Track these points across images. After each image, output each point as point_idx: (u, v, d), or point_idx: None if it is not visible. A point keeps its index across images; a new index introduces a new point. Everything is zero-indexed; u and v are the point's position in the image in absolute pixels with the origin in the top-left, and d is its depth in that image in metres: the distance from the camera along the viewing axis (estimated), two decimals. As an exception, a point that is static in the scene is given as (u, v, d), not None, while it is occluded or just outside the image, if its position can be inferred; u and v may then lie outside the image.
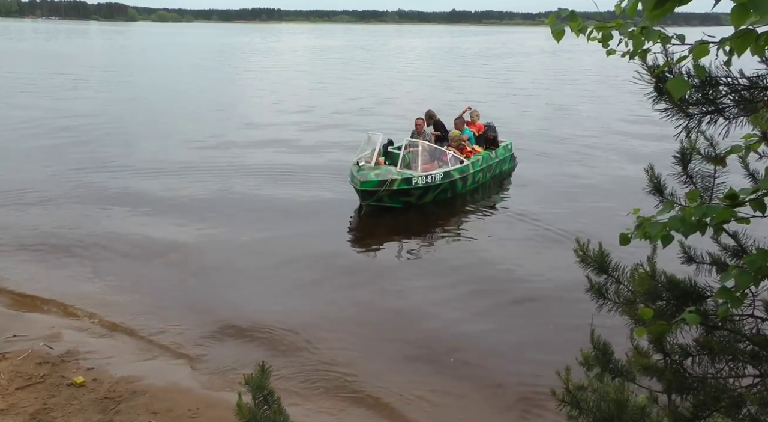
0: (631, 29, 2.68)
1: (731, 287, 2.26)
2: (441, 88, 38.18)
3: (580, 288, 3.24)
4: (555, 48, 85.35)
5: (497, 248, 11.95)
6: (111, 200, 14.31)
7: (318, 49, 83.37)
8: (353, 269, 10.96)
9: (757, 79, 2.19)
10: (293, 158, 18.90)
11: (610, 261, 3.02)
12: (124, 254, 11.30)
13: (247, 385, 2.71)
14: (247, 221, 13.14)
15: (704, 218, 2.36)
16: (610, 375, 3.15)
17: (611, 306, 2.98)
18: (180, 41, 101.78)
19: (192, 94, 33.37)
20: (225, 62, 58.19)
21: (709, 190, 2.72)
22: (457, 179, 14.20)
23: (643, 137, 22.02)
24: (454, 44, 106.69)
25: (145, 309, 9.25)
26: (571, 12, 2.94)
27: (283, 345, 8.31)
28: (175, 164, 17.52)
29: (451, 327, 8.92)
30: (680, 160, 2.80)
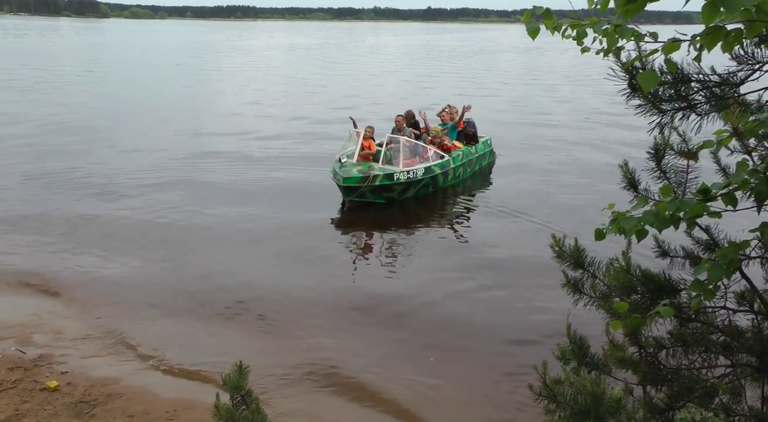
0: (605, 27, 2.73)
1: (704, 280, 2.29)
2: (417, 86, 38.19)
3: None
4: (530, 45, 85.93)
5: (479, 241, 12.09)
6: (84, 196, 14.18)
7: (295, 48, 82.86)
8: (334, 264, 11.00)
9: (728, 76, 2.22)
10: (270, 152, 19.15)
11: (586, 256, 3.04)
12: (97, 253, 11.15)
13: (224, 385, 2.69)
14: (227, 216, 13.18)
15: (677, 213, 2.39)
16: (586, 368, 3.18)
17: (587, 301, 3.01)
18: (154, 39, 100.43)
19: (167, 94, 32.98)
20: (200, 61, 57.51)
21: (683, 185, 2.76)
22: (438, 174, 14.36)
23: (616, 131, 22.57)
24: (431, 42, 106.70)
25: (119, 310, 9.12)
26: (546, 10, 2.97)
27: (264, 342, 8.28)
28: (148, 163, 17.41)
29: (434, 314, 9.10)
30: (654, 155, 2.83)
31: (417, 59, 65.38)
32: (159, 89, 33.97)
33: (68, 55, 59.74)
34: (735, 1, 1.72)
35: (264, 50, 74.70)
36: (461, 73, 47.52)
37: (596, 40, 2.83)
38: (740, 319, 2.80)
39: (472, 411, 7.00)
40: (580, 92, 35.45)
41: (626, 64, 2.35)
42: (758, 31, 1.86)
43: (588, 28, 2.88)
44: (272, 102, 30.25)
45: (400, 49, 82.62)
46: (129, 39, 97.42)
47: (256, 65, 52.87)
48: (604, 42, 2.80)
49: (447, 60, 64.23)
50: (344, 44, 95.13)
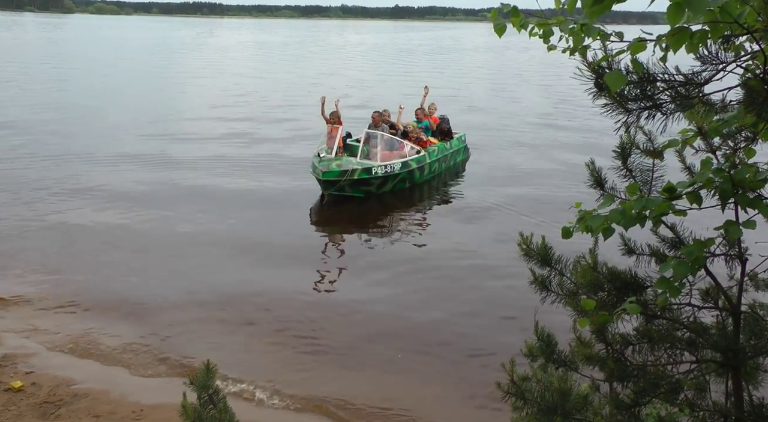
0: (572, 26, 2.75)
1: (670, 278, 2.32)
2: (389, 83, 38.22)
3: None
4: (493, 44, 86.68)
5: (453, 235, 12.34)
6: (47, 193, 13.97)
7: (263, 45, 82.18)
8: (310, 257, 11.15)
9: (693, 76, 2.26)
10: (243, 151, 19.05)
11: (553, 254, 3.07)
12: (63, 251, 11.01)
13: (192, 385, 2.66)
14: (200, 211, 13.15)
15: (643, 211, 2.42)
16: (553, 365, 3.21)
17: (554, 298, 3.03)
18: (119, 35, 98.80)
19: (135, 93, 32.49)
20: (166, 59, 56.71)
21: (648, 183, 2.79)
22: (415, 169, 14.64)
23: (578, 127, 23.36)
24: (399, 40, 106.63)
25: (84, 310, 9.00)
26: (513, 8, 2.98)
27: (230, 340, 8.23)
28: (116, 156, 17.17)
29: (408, 315, 9.11)
30: (620, 154, 2.86)
31: (395, 57, 65.31)
32: (126, 90, 33.28)
33: (30, 51, 58.39)
34: (700, 3, 1.75)
35: (227, 50, 73.77)
36: (433, 71, 47.61)
37: (562, 38, 2.88)
38: (705, 316, 2.85)
39: (442, 409, 7.03)
40: (540, 91, 35.84)
41: (593, 63, 2.37)
42: (722, 33, 1.89)
43: (554, 27, 2.94)
44: (240, 101, 29.95)
45: (373, 48, 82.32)
46: (95, 35, 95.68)
47: (220, 64, 52.19)
48: (570, 41, 2.85)
49: (424, 58, 64.38)
50: (307, 43, 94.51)
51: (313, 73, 44.18)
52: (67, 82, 34.47)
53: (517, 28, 3.08)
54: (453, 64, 57.68)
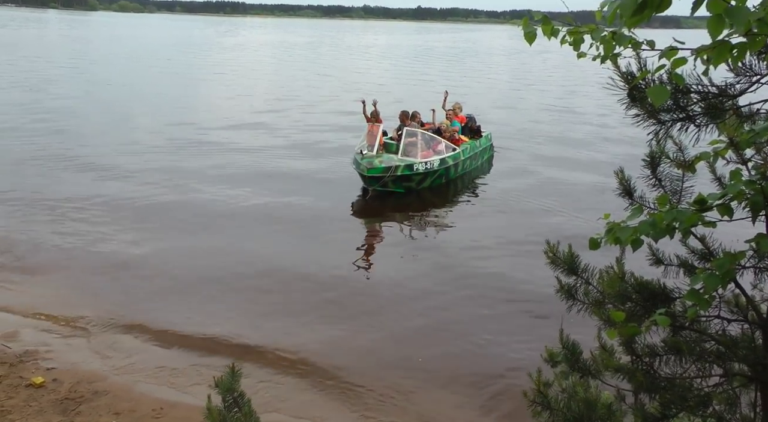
0: (603, 34, 2.74)
1: (700, 290, 2.30)
2: (413, 84, 38.20)
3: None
4: (519, 47, 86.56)
5: (489, 230, 12.76)
6: (66, 199, 13.86)
7: (289, 45, 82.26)
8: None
9: (726, 88, 2.23)
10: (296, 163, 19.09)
11: (580, 262, 3.05)
12: (86, 252, 11.06)
13: (216, 387, 2.67)
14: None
15: (673, 223, 2.40)
16: (577, 373, 3.19)
17: (580, 307, 3.01)
18: (143, 34, 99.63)
19: (160, 93, 32.73)
20: (191, 59, 57.11)
21: (678, 193, 2.77)
22: (451, 165, 15.29)
23: (599, 131, 23.44)
24: (424, 43, 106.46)
25: (106, 309, 9.02)
26: (543, 16, 2.97)
27: (254, 343, 8.26)
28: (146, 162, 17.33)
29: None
30: (649, 163, 2.84)
31: (419, 59, 65.37)
32: (157, 88, 33.55)
33: (57, 48, 59.05)
34: (741, 14, 1.73)
35: (259, 48, 74.27)
36: (457, 73, 47.55)
37: (593, 46, 2.87)
38: (733, 328, 2.81)
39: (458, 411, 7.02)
40: (580, 94, 35.68)
41: (627, 75, 2.35)
42: (761, 45, 1.87)
43: (585, 35, 2.93)
44: (276, 106, 29.97)
45: (397, 50, 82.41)
46: (119, 33, 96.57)
47: (252, 64, 52.44)
48: (600, 48, 2.84)
49: (448, 61, 64.44)
50: (337, 43, 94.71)
51: (340, 74, 44.38)
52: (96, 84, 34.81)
53: (547, 36, 3.08)
54: (474, 66, 57.56)
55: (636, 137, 22.13)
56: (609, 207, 2.87)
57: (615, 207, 3.09)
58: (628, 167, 3.19)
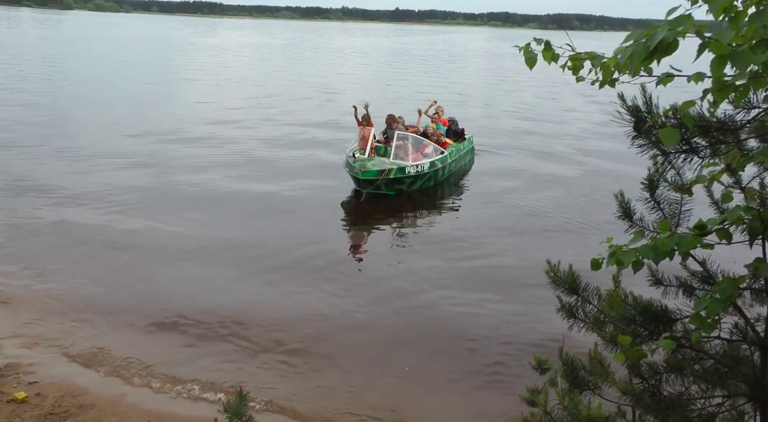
0: (603, 61, 2.83)
1: (703, 314, 2.37)
2: (391, 88, 38.25)
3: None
4: (496, 50, 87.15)
5: (470, 229, 13.21)
6: (45, 198, 13.86)
7: (266, 47, 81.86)
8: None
9: (726, 120, 2.30)
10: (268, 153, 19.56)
11: (580, 282, 3.11)
12: (67, 257, 10.90)
13: (225, 412, 2.69)
14: (222, 213, 13.48)
15: (674, 246, 2.47)
16: (578, 389, 3.26)
17: (582, 326, 3.07)
18: (118, 34, 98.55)
19: (140, 93, 32.44)
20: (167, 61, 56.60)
21: (676, 216, 2.84)
22: (439, 168, 15.68)
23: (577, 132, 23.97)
24: (401, 44, 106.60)
25: (89, 317, 8.89)
26: (546, 42, 3.05)
27: (251, 343, 8.28)
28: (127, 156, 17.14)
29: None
30: (648, 186, 2.91)
31: (397, 62, 65.51)
32: (128, 90, 33.23)
33: (32, 48, 58.22)
34: (744, 59, 1.80)
35: (237, 50, 73.84)
36: (432, 75, 47.73)
37: (592, 71, 2.95)
38: (732, 348, 2.89)
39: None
40: (555, 98, 36.04)
41: (633, 109, 2.41)
42: (763, 85, 1.93)
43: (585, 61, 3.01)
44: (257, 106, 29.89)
45: (375, 51, 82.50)
46: (96, 32, 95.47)
47: (230, 67, 52.10)
48: (599, 73, 2.92)
49: (425, 62, 64.69)
50: (315, 46, 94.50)
51: (318, 77, 44.25)
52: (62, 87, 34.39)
53: (548, 61, 3.17)
54: (451, 68, 57.84)
55: (604, 132, 23.02)
56: (583, 203, 2.95)
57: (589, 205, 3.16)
58: (602, 163, 3.27)
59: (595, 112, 28.82)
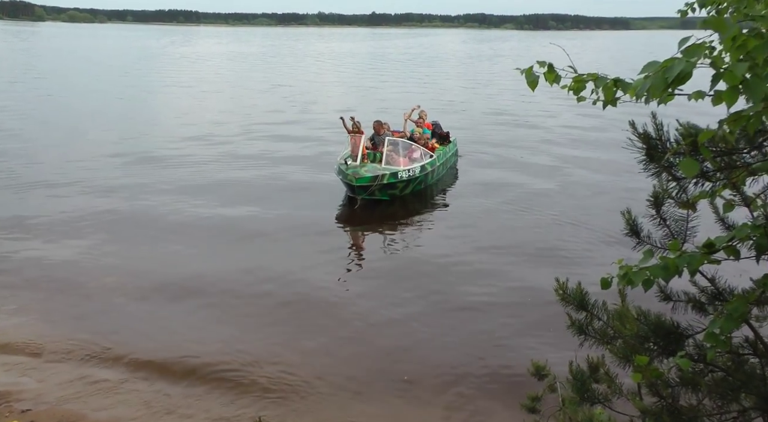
0: (606, 82, 2.91)
1: (717, 332, 2.44)
2: (369, 94, 38.32)
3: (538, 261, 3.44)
4: (473, 53, 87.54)
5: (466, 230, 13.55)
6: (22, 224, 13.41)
7: (244, 56, 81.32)
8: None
9: (736, 144, 2.37)
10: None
11: (589, 299, 3.17)
12: (51, 279, 10.66)
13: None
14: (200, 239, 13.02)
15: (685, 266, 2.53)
16: (588, 402, 3.32)
17: (592, 342, 3.13)
18: (94, 45, 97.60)
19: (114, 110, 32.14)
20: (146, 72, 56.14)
21: (683, 233, 2.91)
22: (429, 172, 15.90)
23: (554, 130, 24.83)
24: (379, 49, 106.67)
25: (80, 340, 8.65)
26: (549, 65, 3.13)
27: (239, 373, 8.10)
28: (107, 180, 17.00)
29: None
30: (653, 203, 2.97)
31: (375, 67, 65.54)
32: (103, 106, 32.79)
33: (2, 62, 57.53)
34: (758, 88, 1.86)
35: (215, 58, 73.44)
36: (412, 78, 47.89)
37: (593, 92, 3.04)
38: (743, 362, 2.96)
39: None
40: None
41: (644, 136, 2.48)
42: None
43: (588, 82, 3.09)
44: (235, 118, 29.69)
45: (352, 57, 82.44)
46: (70, 45, 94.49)
47: (207, 76, 51.75)
48: (600, 93, 3.01)
49: (404, 66, 64.86)
50: (292, 52, 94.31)
51: (298, 86, 44.16)
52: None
53: (549, 83, 3.25)
54: (430, 73, 58.02)
55: (581, 139, 23.33)
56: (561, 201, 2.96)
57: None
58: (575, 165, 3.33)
59: (571, 116, 29.12)
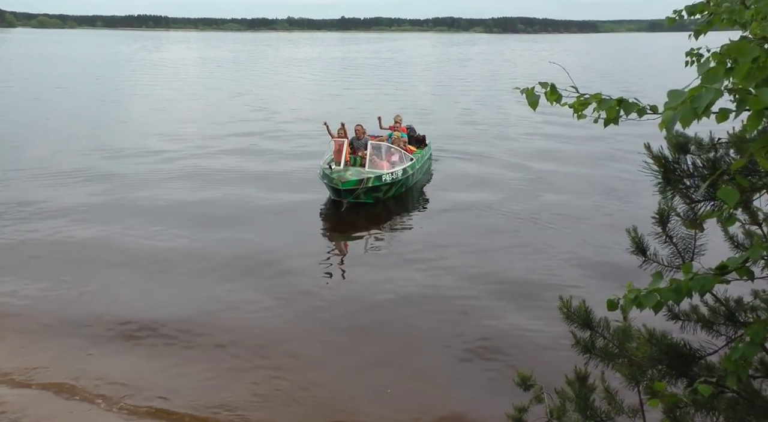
0: (611, 104, 2.91)
1: (739, 359, 2.41)
2: (344, 99, 38.20)
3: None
4: (442, 57, 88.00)
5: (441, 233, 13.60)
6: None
7: (213, 61, 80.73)
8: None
9: (754, 168, 2.36)
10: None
11: (594, 317, 3.14)
12: (34, 279, 10.59)
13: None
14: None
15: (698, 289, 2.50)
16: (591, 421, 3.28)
17: (598, 361, 3.10)
18: (61, 52, 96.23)
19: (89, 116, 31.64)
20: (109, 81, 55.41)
21: (690, 251, 2.88)
22: (410, 174, 16.23)
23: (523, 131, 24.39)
24: (349, 54, 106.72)
25: (58, 351, 8.51)
26: (551, 85, 3.11)
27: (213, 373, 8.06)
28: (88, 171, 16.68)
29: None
30: (659, 220, 2.95)
31: (345, 72, 65.45)
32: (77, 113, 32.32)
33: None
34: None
35: (185, 64, 72.75)
36: (378, 83, 47.95)
37: (595, 110, 3.05)
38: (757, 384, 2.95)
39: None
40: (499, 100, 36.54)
41: (661, 159, 2.45)
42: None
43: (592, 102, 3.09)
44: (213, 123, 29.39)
45: (321, 63, 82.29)
46: (46, 51, 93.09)
47: (179, 83, 51.17)
48: (602, 112, 3.02)
49: (374, 71, 64.84)
50: (261, 57, 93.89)
51: (270, 93, 43.90)
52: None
53: (551, 102, 3.25)
54: (400, 77, 58.22)
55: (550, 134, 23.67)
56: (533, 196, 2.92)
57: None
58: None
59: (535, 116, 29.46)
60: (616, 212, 14.60)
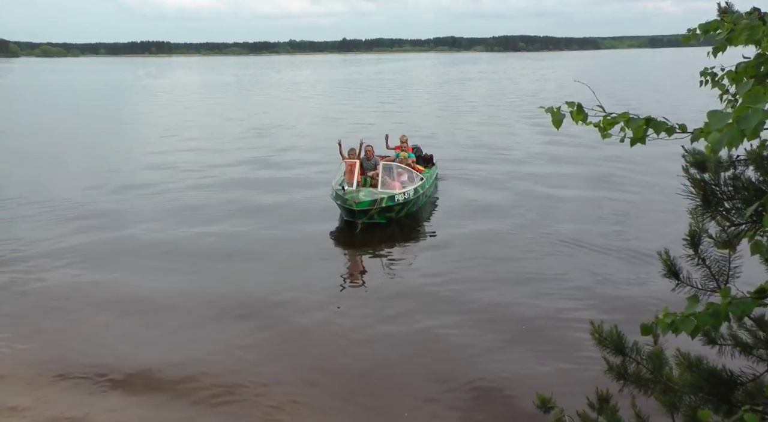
0: (638, 123, 2.89)
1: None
2: (344, 120, 38.31)
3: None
4: (444, 77, 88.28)
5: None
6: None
7: (217, 86, 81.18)
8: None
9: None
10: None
11: (626, 342, 3.08)
12: (36, 317, 10.40)
13: None
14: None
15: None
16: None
17: (633, 387, 3.03)
18: (65, 80, 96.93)
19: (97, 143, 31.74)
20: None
21: (724, 275, 2.83)
22: (421, 194, 16.36)
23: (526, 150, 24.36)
24: (351, 75, 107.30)
25: (66, 382, 8.40)
26: (578, 105, 3.10)
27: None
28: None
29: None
30: (690, 242, 2.89)
31: (349, 93, 65.70)
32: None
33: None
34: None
35: (189, 90, 73.13)
36: (383, 104, 48.13)
37: (622, 129, 3.03)
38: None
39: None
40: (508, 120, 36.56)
41: (700, 182, 2.40)
42: None
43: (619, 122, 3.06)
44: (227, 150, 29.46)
45: (325, 85, 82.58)
46: (51, 80, 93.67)
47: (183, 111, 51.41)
48: (628, 131, 3.00)
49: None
50: (266, 81, 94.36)
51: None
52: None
53: (576, 122, 3.23)
54: (402, 97, 58.45)
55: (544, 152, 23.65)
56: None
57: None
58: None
59: (540, 137, 29.42)
60: (625, 235, 14.09)
